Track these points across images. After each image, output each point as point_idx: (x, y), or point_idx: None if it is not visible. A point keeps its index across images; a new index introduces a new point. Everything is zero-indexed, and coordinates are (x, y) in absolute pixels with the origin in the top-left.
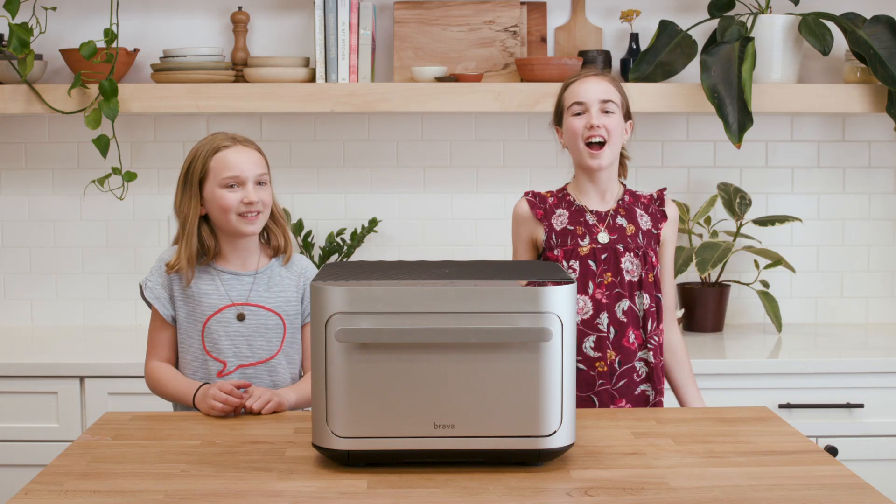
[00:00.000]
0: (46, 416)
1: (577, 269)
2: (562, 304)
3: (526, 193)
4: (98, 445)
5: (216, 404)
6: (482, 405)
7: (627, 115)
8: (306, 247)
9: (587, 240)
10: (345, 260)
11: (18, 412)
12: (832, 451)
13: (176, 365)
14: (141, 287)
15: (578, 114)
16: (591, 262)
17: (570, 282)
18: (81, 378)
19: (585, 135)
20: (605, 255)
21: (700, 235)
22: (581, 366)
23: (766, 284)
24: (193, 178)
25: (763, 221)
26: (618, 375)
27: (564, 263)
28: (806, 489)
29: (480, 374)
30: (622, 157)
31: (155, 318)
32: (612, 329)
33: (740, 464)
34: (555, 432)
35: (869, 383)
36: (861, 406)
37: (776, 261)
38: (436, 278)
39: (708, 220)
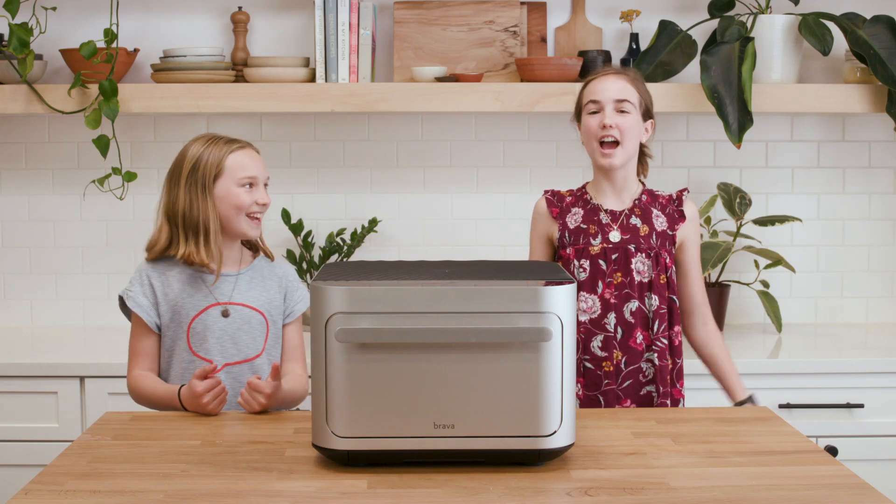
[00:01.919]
0: (46, 416)
1: (588, 268)
2: (562, 304)
3: (546, 191)
4: (98, 445)
5: (201, 389)
6: (482, 405)
7: (648, 115)
8: (306, 247)
9: (599, 239)
10: (345, 260)
11: (18, 412)
12: (832, 451)
13: (158, 374)
14: (121, 298)
15: (594, 112)
16: (601, 262)
17: (570, 282)
18: (81, 378)
19: (599, 134)
20: (616, 254)
21: (700, 235)
22: (589, 365)
23: (766, 284)
24: (207, 177)
25: (763, 221)
26: (623, 376)
27: (575, 262)
28: (806, 489)
29: (480, 374)
30: (643, 155)
31: (137, 326)
32: (619, 329)
33: (740, 464)
34: (555, 432)
35: (869, 383)
36: (861, 406)
37: (776, 261)
38: (436, 278)
39: (708, 220)
